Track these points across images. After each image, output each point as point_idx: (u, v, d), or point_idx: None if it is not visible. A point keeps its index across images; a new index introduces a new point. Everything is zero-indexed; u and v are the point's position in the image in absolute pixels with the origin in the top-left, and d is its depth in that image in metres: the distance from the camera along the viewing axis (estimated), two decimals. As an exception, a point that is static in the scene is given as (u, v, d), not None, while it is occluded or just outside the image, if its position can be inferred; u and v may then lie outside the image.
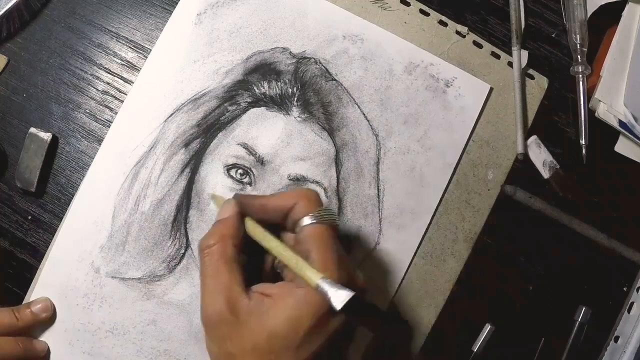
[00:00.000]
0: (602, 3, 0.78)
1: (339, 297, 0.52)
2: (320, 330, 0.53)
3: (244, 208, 0.59)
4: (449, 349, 0.75)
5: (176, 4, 0.74)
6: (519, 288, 0.77)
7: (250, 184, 0.72)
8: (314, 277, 0.53)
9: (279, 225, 0.60)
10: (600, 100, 0.77)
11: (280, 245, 0.57)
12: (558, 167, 0.77)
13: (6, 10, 0.72)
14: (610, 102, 0.77)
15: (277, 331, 0.52)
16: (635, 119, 0.76)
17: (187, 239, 0.71)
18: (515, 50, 0.77)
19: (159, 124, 0.72)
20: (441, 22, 0.77)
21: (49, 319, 0.69)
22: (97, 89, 0.74)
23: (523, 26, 0.79)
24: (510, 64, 0.78)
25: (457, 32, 0.77)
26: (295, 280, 0.56)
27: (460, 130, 0.76)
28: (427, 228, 0.74)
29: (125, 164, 0.71)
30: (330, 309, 0.52)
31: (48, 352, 0.69)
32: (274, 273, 0.60)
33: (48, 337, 0.69)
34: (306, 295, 0.53)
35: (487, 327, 0.75)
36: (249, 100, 0.73)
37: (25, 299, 0.70)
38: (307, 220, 0.57)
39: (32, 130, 0.71)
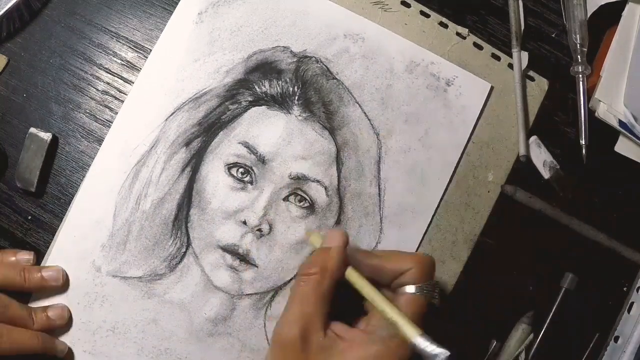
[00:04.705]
0: (602, 3, 0.78)
1: (440, 353, 0.54)
2: None
3: (355, 263, 0.61)
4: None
5: (176, 3, 0.74)
6: (519, 288, 0.77)
7: (251, 182, 0.72)
8: (414, 331, 0.56)
9: None
10: (600, 100, 0.77)
11: (380, 297, 0.59)
12: (558, 167, 0.77)
13: (6, 10, 0.72)
14: (610, 102, 0.77)
15: None
16: (635, 119, 0.76)
17: (188, 238, 0.71)
18: (515, 52, 0.77)
19: (160, 123, 0.72)
20: (441, 24, 0.77)
21: (59, 288, 0.69)
22: (97, 89, 0.74)
23: (523, 27, 0.79)
24: (510, 65, 0.78)
25: (458, 34, 0.77)
26: (371, 331, 0.58)
27: (461, 129, 0.76)
28: (427, 228, 0.74)
29: (126, 163, 0.71)
30: None
31: (69, 353, 0.69)
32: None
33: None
34: (394, 347, 0.56)
35: (493, 344, 0.75)
36: (250, 99, 0.73)
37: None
38: (411, 289, 0.59)
39: (32, 130, 0.71)
